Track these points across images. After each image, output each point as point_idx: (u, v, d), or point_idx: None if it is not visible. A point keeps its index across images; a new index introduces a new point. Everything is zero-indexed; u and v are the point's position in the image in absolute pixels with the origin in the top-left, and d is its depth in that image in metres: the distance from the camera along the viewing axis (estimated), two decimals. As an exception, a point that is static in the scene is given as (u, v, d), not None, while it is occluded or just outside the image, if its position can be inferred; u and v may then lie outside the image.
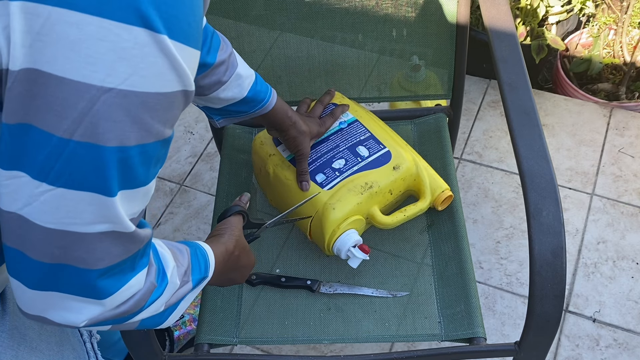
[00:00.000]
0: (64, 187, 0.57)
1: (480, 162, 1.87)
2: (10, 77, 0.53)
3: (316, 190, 1.17)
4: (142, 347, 1.03)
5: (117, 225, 0.60)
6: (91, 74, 0.53)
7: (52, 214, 0.58)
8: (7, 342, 0.80)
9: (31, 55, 0.52)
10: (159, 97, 0.57)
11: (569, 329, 1.56)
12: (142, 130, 0.57)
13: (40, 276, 0.62)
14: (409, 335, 1.13)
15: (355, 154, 1.21)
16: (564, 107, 1.98)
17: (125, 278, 0.65)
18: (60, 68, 0.52)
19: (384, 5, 1.27)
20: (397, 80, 1.45)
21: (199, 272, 0.80)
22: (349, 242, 1.13)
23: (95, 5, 0.52)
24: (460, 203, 1.24)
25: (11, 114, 0.54)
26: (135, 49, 0.54)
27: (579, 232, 1.72)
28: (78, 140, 0.55)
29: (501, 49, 1.14)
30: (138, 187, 0.61)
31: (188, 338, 1.52)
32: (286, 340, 1.14)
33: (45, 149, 0.55)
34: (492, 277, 1.64)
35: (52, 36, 0.51)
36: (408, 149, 1.25)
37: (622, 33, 1.99)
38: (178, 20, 0.56)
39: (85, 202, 0.58)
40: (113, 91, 0.54)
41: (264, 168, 1.24)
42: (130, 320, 0.70)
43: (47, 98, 0.53)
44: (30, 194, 0.57)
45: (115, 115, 0.55)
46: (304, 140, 1.17)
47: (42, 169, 0.56)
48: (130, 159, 0.58)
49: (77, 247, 0.60)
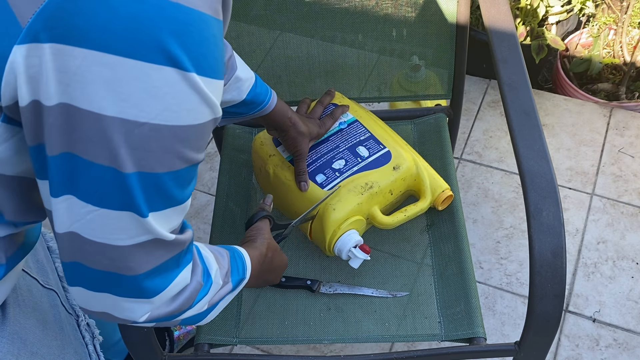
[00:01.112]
0: (106, 208, 0.62)
1: (480, 162, 1.87)
2: (47, 112, 0.57)
3: (317, 190, 1.17)
4: (142, 347, 1.03)
5: (157, 235, 0.65)
6: (125, 110, 0.57)
7: (99, 231, 0.63)
8: (8, 347, 0.81)
9: (69, 93, 0.56)
10: (190, 128, 0.61)
11: (569, 329, 1.56)
12: (175, 159, 0.62)
13: (96, 280, 0.67)
14: (409, 335, 1.13)
15: (355, 155, 1.21)
16: (564, 107, 1.98)
17: (171, 276, 0.70)
18: (96, 105, 0.56)
19: (384, 5, 1.27)
20: (397, 80, 1.45)
21: (237, 274, 0.85)
22: (349, 243, 1.13)
23: (127, 48, 0.55)
24: (460, 203, 1.24)
25: (53, 146, 0.59)
26: (166, 87, 0.57)
27: (579, 232, 1.72)
28: (116, 168, 0.59)
29: (501, 49, 1.14)
30: (175, 206, 0.66)
31: (188, 338, 1.52)
32: (286, 340, 1.14)
33: (87, 175, 0.60)
34: (492, 277, 1.64)
35: (88, 77, 0.55)
36: (408, 149, 1.25)
37: (622, 33, 1.99)
38: (205, 57, 0.59)
39: (126, 220, 0.62)
40: (146, 125, 0.58)
41: (264, 168, 1.24)
42: (177, 318, 0.75)
43: (85, 131, 0.57)
44: (77, 212, 0.62)
45: (148, 146, 0.59)
46: (303, 141, 1.17)
47: (86, 192, 0.61)
48: (164, 184, 0.63)
49: (124, 259, 0.65)
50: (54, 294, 0.96)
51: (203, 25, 0.59)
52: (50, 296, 0.94)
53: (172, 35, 0.56)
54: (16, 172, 0.67)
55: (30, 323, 0.86)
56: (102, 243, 0.64)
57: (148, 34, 0.55)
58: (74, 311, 1.00)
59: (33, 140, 0.60)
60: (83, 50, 0.54)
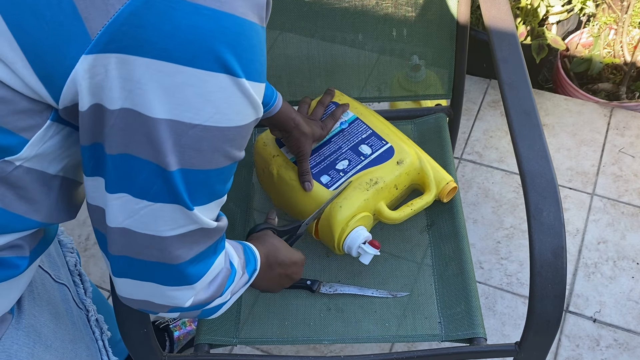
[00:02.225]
0: (161, 202, 0.66)
1: (481, 162, 1.87)
2: (109, 115, 0.61)
3: (322, 190, 1.18)
4: (142, 348, 1.03)
5: (202, 225, 0.71)
6: (181, 113, 0.62)
7: (150, 224, 0.68)
8: (24, 340, 0.82)
9: (131, 98, 0.60)
10: (237, 129, 0.66)
11: (569, 329, 1.55)
12: (221, 157, 0.67)
13: (144, 271, 0.73)
14: (409, 335, 1.12)
15: (358, 153, 1.22)
16: (564, 107, 1.98)
17: (210, 261, 0.77)
18: (156, 110, 0.61)
19: (384, 5, 1.27)
20: (397, 80, 1.45)
21: (250, 265, 0.90)
22: (359, 239, 1.14)
23: (186, 57, 0.59)
24: (460, 203, 1.24)
25: (113, 147, 0.63)
26: (219, 92, 0.62)
27: (579, 232, 1.71)
28: (171, 166, 0.64)
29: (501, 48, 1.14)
30: (217, 200, 0.72)
31: (188, 338, 1.52)
32: (286, 341, 1.14)
33: (143, 174, 0.64)
34: (493, 277, 1.64)
35: (150, 84, 0.59)
36: (410, 144, 1.26)
37: (623, 33, 1.99)
38: (253, 62, 0.64)
39: (175, 213, 0.68)
40: (198, 127, 0.63)
41: (267, 169, 1.24)
42: (207, 305, 0.81)
43: (143, 134, 0.62)
44: (132, 209, 0.67)
45: (198, 146, 0.64)
46: (306, 142, 1.19)
47: (142, 189, 0.66)
48: (208, 180, 0.68)
49: (172, 248, 0.70)
50: (65, 288, 0.96)
51: (252, 34, 0.63)
52: (62, 291, 0.95)
53: (227, 45, 0.60)
54: (57, 171, 0.70)
55: (44, 317, 0.87)
56: (152, 235, 0.69)
57: (205, 44, 0.60)
58: (84, 306, 1.01)
59: (89, 140, 0.64)
60: (146, 60, 0.58)
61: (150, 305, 0.77)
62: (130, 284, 0.74)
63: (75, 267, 1.03)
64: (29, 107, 0.62)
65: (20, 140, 0.63)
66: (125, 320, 0.98)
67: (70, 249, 1.04)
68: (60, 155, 0.68)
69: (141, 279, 0.74)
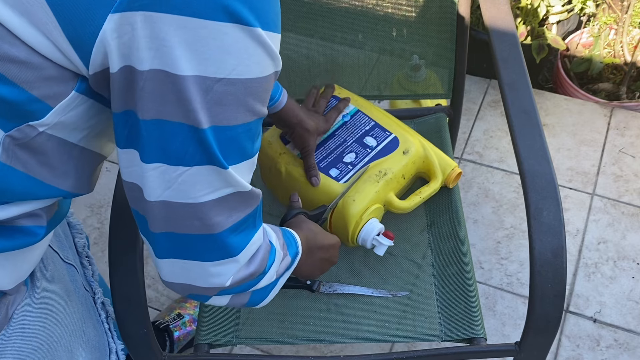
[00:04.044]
0: (197, 165, 0.67)
1: (481, 162, 1.87)
2: (139, 76, 0.62)
3: (332, 183, 1.18)
4: (142, 348, 1.03)
5: (238, 187, 0.71)
6: (205, 68, 0.62)
7: (188, 191, 0.68)
8: (36, 312, 0.83)
9: (159, 58, 0.61)
10: (259, 81, 0.66)
11: (569, 329, 1.55)
12: (247, 111, 0.67)
13: (186, 248, 0.73)
14: (409, 335, 1.12)
15: (364, 145, 1.23)
16: (564, 107, 1.97)
17: (250, 234, 0.76)
18: (182, 67, 0.61)
19: (384, 5, 1.27)
20: (398, 80, 1.45)
21: (292, 247, 0.90)
22: (373, 231, 1.14)
23: (206, 11, 0.60)
24: (460, 203, 1.24)
25: (145, 111, 0.64)
26: (238, 44, 0.63)
27: (579, 232, 1.71)
28: (202, 124, 0.64)
29: (502, 48, 1.14)
30: (248, 160, 0.71)
31: (188, 339, 1.52)
32: (286, 341, 1.14)
33: (178, 138, 0.65)
34: (493, 277, 1.64)
35: (175, 40, 0.60)
36: (413, 133, 1.27)
37: (623, 33, 1.99)
38: (266, 12, 0.65)
39: (210, 174, 0.68)
40: (223, 81, 0.63)
41: (274, 167, 1.24)
42: (253, 287, 0.81)
43: (174, 94, 0.62)
44: (169, 178, 0.67)
45: (225, 100, 0.64)
46: (310, 137, 1.20)
47: (178, 154, 0.66)
48: (237, 136, 0.68)
49: (211, 215, 0.70)
50: (73, 269, 0.97)
51: None
52: (70, 271, 0.96)
53: None
54: (78, 140, 0.71)
55: (55, 292, 0.88)
56: (191, 203, 0.69)
57: None
58: (90, 288, 1.02)
59: (122, 106, 0.65)
60: (170, 16, 0.59)
61: (195, 289, 0.77)
62: (174, 265, 0.75)
63: (83, 249, 1.04)
64: (56, 74, 0.63)
65: (45, 107, 0.64)
66: (125, 320, 0.98)
67: (79, 231, 1.05)
68: (80, 126, 0.69)
69: (184, 257, 0.74)
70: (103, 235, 1.76)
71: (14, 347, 0.79)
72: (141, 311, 0.98)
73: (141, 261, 0.97)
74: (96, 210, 1.81)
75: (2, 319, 0.78)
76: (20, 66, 0.61)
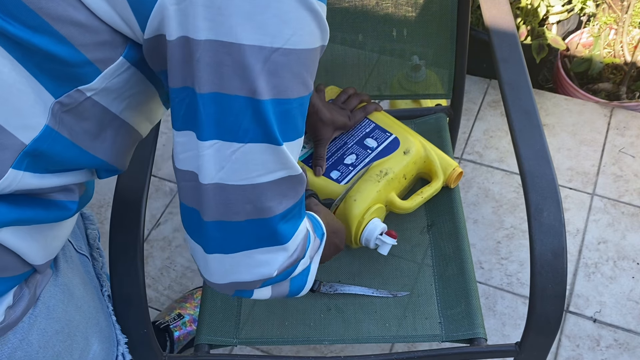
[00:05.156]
0: (250, 142, 0.66)
1: (481, 162, 1.87)
2: (196, 47, 0.61)
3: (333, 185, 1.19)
4: (143, 348, 1.03)
5: (290, 170, 0.70)
6: (262, 37, 0.62)
7: (242, 172, 0.67)
8: (60, 296, 0.83)
9: (215, 28, 0.60)
10: (309, 52, 0.66)
11: (569, 329, 1.55)
12: (300, 84, 0.66)
13: (236, 237, 0.71)
14: (409, 335, 1.12)
15: (365, 147, 1.23)
16: (564, 107, 1.97)
17: (297, 222, 0.76)
18: (239, 37, 0.61)
19: (384, 5, 1.27)
20: (398, 80, 1.45)
21: (318, 230, 0.88)
22: (375, 231, 1.14)
23: None
24: (460, 203, 1.24)
25: (203, 84, 0.63)
26: (293, 12, 0.62)
27: (579, 232, 1.71)
28: (260, 95, 0.63)
29: (502, 48, 1.14)
30: (298, 138, 0.70)
31: (188, 339, 1.52)
32: (286, 341, 1.14)
33: (233, 111, 0.64)
34: (493, 278, 1.64)
35: (231, 9, 0.60)
36: (413, 133, 1.27)
37: (623, 33, 1.99)
38: None
39: (265, 153, 0.67)
40: (279, 51, 0.63)
41: None
42: (292, 273, 0.78)
43: (231, 64, 0.62)
44: (223, 156, 0.66)
45: (281, 71, 0.64)
46: (324, 128, 1.20)
47: (232, 129, 0.65)
48: (292, 111, 0.67)
49: (264, 198, 0.69)
50: (86, 259, 0.97)
51: None
52: (83, 261, 0.96)
53: None
54: (119, 111, 0.71)
55: (76, 279, 0.88)
56: (244, 185, 0.68)
57: None
58: (99, 281, 1.02)
59: (180, 81, 0.64)
60: None
61: (242, 285, 0.76)
62: (222, 262, 0.73)
63: (95, 241, 1.04)
64: (109, 39, 0.63)
65: (94, 70, 0.65)
66: (126, 321, 0.98)
67: (92, 222, 1.06)
68: (123, 95, 0.70)
69: (233, 249, 0.72)
70: (103, 235, 1.75)
71: (39, 327, 0.79)
72: (141, 311, 0.98)
73: (141, 261, 0.97)
74: (96, 210, 1.81)
75: (31, 299, 0.78)
76: (80, 29, 0.62)
